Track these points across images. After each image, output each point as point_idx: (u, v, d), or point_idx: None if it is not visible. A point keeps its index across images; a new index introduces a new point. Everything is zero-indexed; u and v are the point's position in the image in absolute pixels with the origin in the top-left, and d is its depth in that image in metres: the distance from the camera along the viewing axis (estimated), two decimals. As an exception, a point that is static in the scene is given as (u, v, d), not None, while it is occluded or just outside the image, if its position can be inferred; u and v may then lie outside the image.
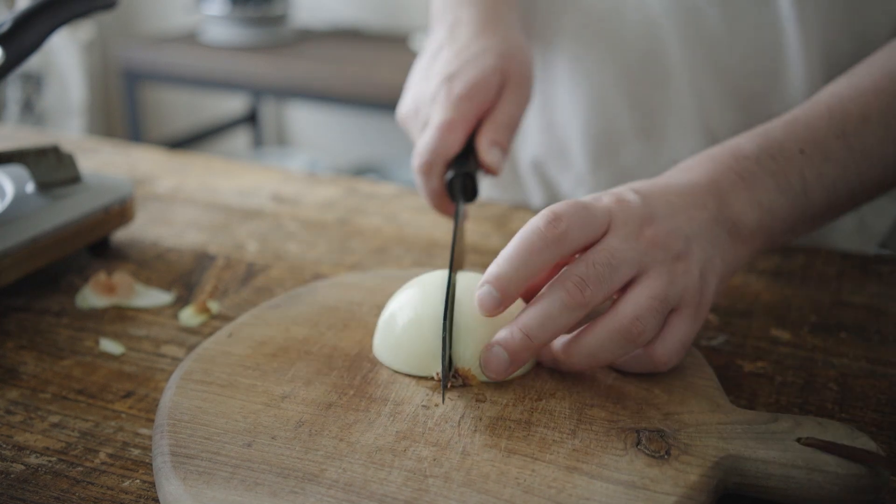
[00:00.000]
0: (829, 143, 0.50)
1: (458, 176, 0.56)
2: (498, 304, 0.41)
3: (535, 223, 0.42)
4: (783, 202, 0.49)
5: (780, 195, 0.49)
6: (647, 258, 0.43)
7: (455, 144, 0.57)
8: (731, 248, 0.47)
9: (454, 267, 0.47)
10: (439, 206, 0.60)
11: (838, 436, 0.38)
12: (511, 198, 0.85)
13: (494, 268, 0.41)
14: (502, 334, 0.41)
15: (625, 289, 0.43)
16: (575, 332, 0.43)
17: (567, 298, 0.41)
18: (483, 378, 0.43)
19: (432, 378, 0.44)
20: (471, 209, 0.74)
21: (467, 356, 0.44)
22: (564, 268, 0.43)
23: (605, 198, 0.45)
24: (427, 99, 0.59)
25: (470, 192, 0.57)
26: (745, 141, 0.50)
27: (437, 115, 0.57)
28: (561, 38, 0.73)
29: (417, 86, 0.62)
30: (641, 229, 0.43)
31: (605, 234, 0.43)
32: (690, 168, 0.49)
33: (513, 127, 0.59)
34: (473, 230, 0.70)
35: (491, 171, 0.58)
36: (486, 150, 0.57)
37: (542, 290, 0.42)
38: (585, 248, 0.43)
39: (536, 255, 0.41)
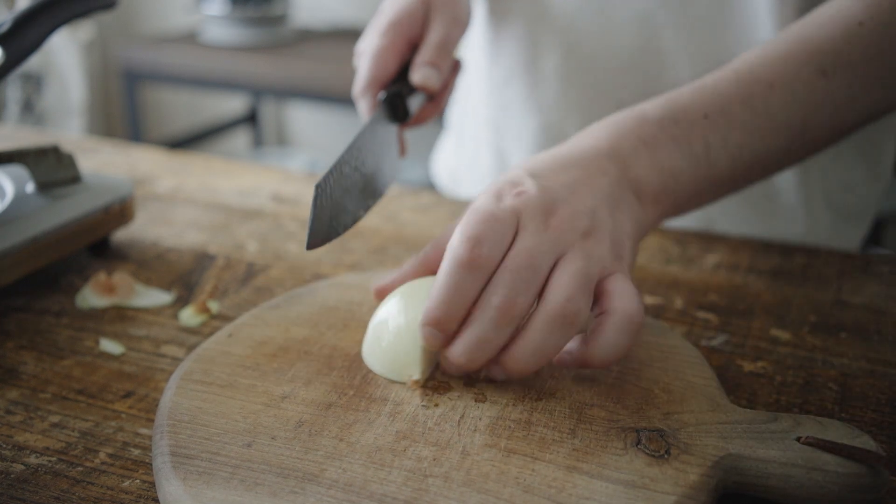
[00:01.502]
0: (734, 109, 0.50)
1: (389, 96, 0.61)
2: (443, 341, 0.42)
3: (455, 256, 0.41)
4: (685, 166, 0.49)
5: (682, 159, 0.49)
6: (560, 244, 0.43)
7: (387, 68, 0.62)
8: (639, 208, 0.47)
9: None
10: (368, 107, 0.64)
11: (838, 435, 0.38)
12: None
13: (432, 310, 0.42)
14: (448, 360, 0.42)
15: (547, 280, 0.42)
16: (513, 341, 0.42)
17: (499, 317, 0.41)
18: None
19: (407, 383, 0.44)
20: (461, 209, 0.74)
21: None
22: (488, 286, 0.42)
23: (506, 194, 0.44)
24: (364, 38, 0.65)
25: (401, 114, 0.61)
26: (651, 106, 0.50)
27: (369, 47, 0.63)
28: (548, 36, 0.73)
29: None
30: (547, 219, 0.43)
31: (515, 234, 0.43)
32: (593, 133, 0.49)
33: (444, 47, 0.63)
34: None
35: (426, 88, 0.62)
36: (417, 69, 0.62)
37: (473, 314, 0.42)
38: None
39: (468, 286, 0.41)
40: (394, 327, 0.45)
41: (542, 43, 0.74)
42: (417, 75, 0.61)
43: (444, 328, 0.42)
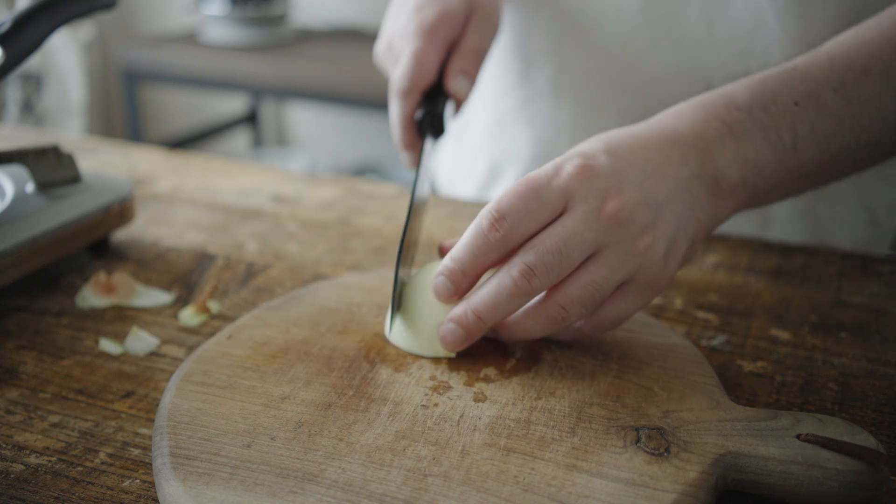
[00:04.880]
0: (826, 96, 0.47)
1: (428, 114, 0.60)
2: (452, 293, 0.44)
3: (479, 224, 0.42)
4: (770, 158, 0.46)
5: (768, 150, 0.46)
6: (606, 238, 0.41)
7: (428, 73, 0.60)
8: (709, 205, 0.45)
9: (417, 203, 0.52)
10: (408, 139, 0.63)
11: (838, 432, 0.38)
12: None
13: (448, 262, 0.44)
14: (457, 311, 0.44)
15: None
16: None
17: (513, 287, 0.42)
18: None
19: (443, 359, 0.46)
20: (461, 209, 0.74)
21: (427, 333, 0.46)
22: (515, 255, 0.42)
23: (569, 165, 0.43)
24: (399, 34, 0.63)
25: (438, 130, 0.61)
26: (740, 90, 0.48)
27: (408, 47, 0.61)
28: (540, 53, 0.73)
29: (390, 24, 0.66)
30: (604, 204, 0.42)
31: (562, 212, 0.42)
32: (679, 115, 0.47)
33: (480, 56, 0.62)
34: (463, 227, 0.70)
35: (458, 98, 0.62)
36: (453, 78, 0.61)
37: (494, 273, 0.43)
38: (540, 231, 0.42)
39: (483, 256, 0.43)
40: (420, 304, 0.47)
41: (535, 59, 0.74)
42: (456, 84, 0.61)
43: (454, 281, 0.44)
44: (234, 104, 2.77)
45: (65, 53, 2.46)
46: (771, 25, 0.63)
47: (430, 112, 0.60)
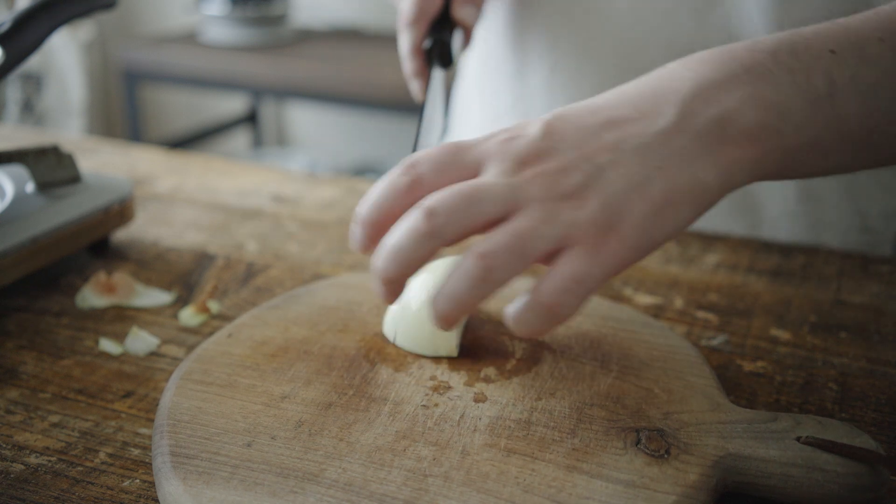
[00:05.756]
0: (870, 45, 0.40)
1: (436, 42, 0.63)
2: (360, 242, 0.40)
3: (392, 171, 0.40)
4: (799, 104, 0.39)
5: (795, 94, 0.39)
6: (521, 194, 0.37)
7: (435, 2, 0.63)
8: (703, 159, 0.38)
9: (425, 126, 0.52)
10: (416, 67, 0.65)
11: (838, 434, 0.38)
12: None
13: (358, 209, 0.40)
14: (372, 261, 0.39)
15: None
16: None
17: (413, 228, 0.37)
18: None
19: (444, 358, 0.46)
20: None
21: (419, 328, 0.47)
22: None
23: (501, 134, 0.40)
24: None
25: (446, 59, 0.63)
26: (769, 37, 0.41)
27: None
28: (534, 51, 0.73)
29: None
30: (521, 167, 0.38)
31: (475, 174, 0.39)
32: (692, 60, 0.41)
33: None
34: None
35: (465, 26, 0.64)
36: (460, 6, 0.64)
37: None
38: None
39: (391, 202, 0.39)
40: (421, 303, 0.47)
41: (529, 57, 0.74)
42: (460, 12, 0.63)
43: (365, 228, 0.39)
44: (234, 104, 2.77)
45: (65, 53, 2.46)
46: (757, 25, 0.63)
47: (437, 40, 0.63)
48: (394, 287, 0.38)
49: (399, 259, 0.37)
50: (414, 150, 0.50)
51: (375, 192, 0.40)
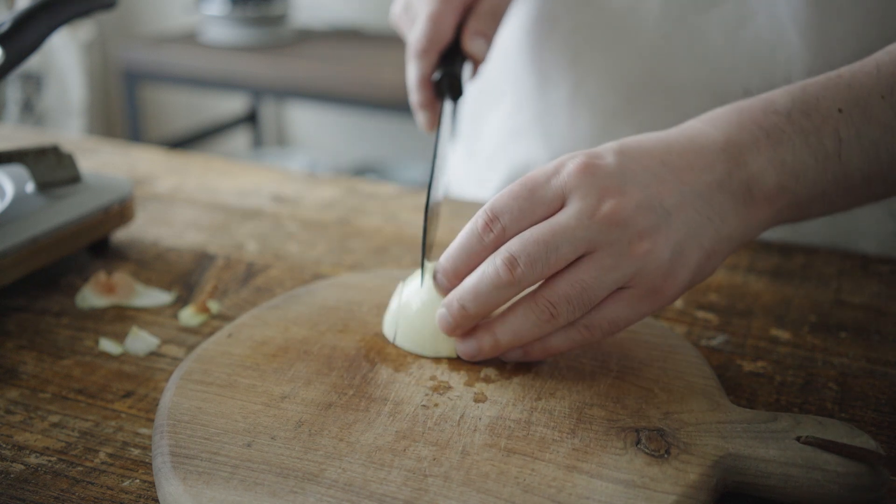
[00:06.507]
0: (873, 103, 0.45)
1: (446, 75, 0.61)
2: (447, 292, 0.45)
3: (474, 224, 0.43)
4: (811, 164, 0.44)
5: (809, 156, 0.44)
6: (599, 237, 0.40)
7: (445, 33, 0.62)
8: (735, 216, 0.43)
9: (439, 162, 0.52)
10: (424, 99, 0.64)
11: (838, 434, 0.38)
12: None
13: (443, 261, 0.44)
14: (448, 298, 0.44)
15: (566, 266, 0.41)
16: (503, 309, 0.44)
17: (495, 276, 0.41)
18: None
19: (443, 359, 0.46)
20: (461, 209, 0.74)
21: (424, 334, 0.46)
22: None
23: (571, 164, 0.42)
24: None
25: (456, 92, 0.62)
26: (780, 95, 0.46)
27: (424, 9, 0.62)
28: (557, 68, 0.73)
29: None
30: (600, 203, 0.40)
31: (559, 209, 0.41)
32: (713, 119, 0.45)
33: (496, 17, 0.63)
34: (462, 227, 0.70)
35: (475, 59, 0.63)
36: (471, 40, 0.62)
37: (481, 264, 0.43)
38: None
39: (477, 256, 0.43)
40: (420, 304, 0.47)
41: (551, 73, 0.73)
42: (473, 46, 0.62)
43: (448, 278, 0.44)
44: (234, 104, 2.77)
45: (65, 53, 2.46)
46: (793, 40, 0.62)
47: (447, 73, 0.61)
48: (467, 324, 0.44)
49: (479, 302, 0.42)
50: (430, 186, 0.49)
51: (461, 245, 0.43)
